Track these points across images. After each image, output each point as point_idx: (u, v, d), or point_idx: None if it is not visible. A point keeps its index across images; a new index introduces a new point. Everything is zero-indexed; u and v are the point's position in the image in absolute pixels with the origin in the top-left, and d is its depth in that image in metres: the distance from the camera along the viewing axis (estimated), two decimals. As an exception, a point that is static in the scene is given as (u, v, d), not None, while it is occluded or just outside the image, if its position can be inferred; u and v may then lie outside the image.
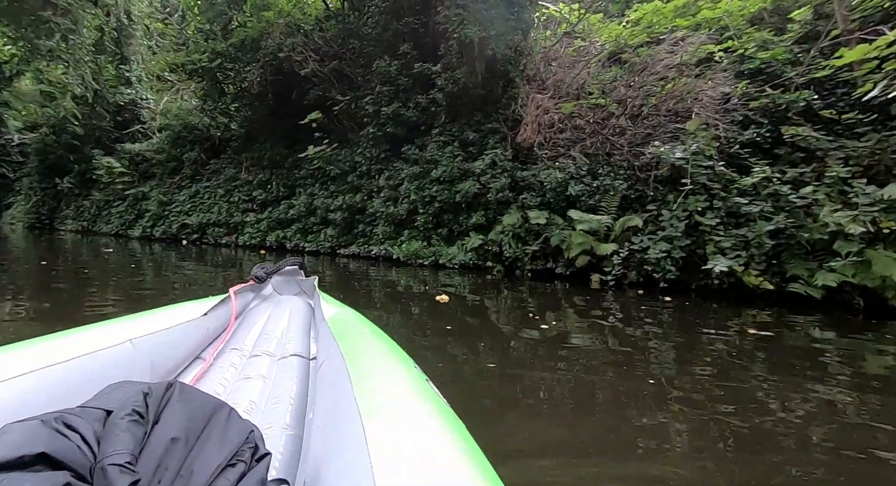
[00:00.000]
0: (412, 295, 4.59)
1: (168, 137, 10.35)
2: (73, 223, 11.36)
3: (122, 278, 5.23)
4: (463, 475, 0.57)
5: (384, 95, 6.97)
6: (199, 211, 9.17)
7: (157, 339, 1.08)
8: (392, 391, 0.80)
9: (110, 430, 0.56)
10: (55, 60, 9.87)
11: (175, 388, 0.67)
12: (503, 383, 2.38)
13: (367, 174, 7.35)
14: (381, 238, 6.85)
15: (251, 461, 0.61)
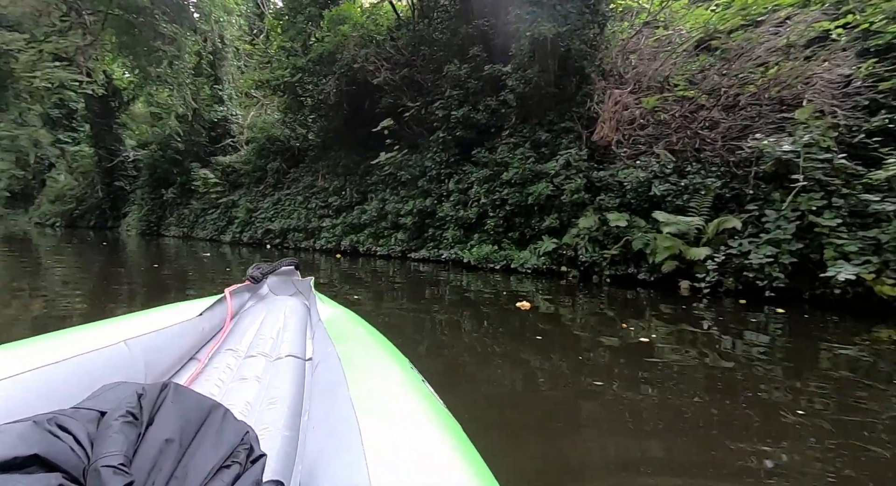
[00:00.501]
0: (484, 300, 4.50)
1: (254, 148, 11.22)
2: (175, 229, 12.70)
3: (217, 277, 5.69)
4: (459, 475, 0.56)
5: (454, 98, 6.99)
6: (280, 217, 9.81)
7: (152, 339, 1.05)
8: (388, 392, 0.79)
9: (104, 431, 0.55)
10: (162, 84, 11.11)
11: (169, 389, 0.65)
12: (582, 396, 2.21)
13: (437, 178, 7.40)
14: (451, 242, 6.85)
15: (246, 463, 0.60)
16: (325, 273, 6.29)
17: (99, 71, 11.18)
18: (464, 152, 7.10)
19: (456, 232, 6.82)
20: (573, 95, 6.21)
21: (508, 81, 6.34)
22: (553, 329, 3.43)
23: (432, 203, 7.30)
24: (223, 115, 12.48)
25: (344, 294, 4.56)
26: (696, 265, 4.45)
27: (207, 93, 12.31)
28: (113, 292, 4.67)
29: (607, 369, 2.55)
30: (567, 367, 2.61)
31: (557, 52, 5.93)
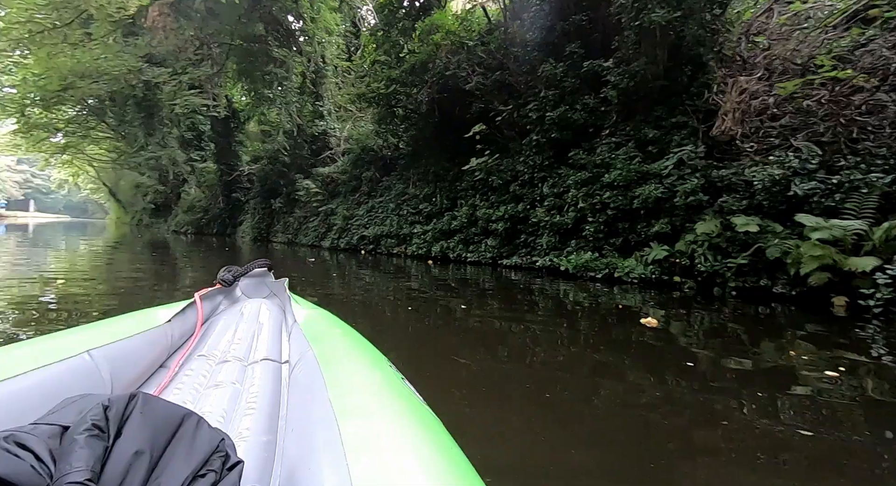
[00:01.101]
0: (585, 310, 4.17)
1: (350, 159, 11.89)
2: (281, 236, 13.92)
3: (320, 282, 6.04)
4: (442, 474, 0.55)
5: (549, 99, 6.72)
6: (374, 224, 10.24)
7: (117, 348, 1.00)
8: (367, 392, 0.77)
9: (67, 447, 0.52)
10: (272, 104, 12.26)
11: (138, 399, 0.61)
12: (701, 425, 1.85)
13: (530, 183, 7.16)
14: (546, 249, 6.55)
15: (222, 471, 0.57)
16: (417, 279, 6.36)
17: (222, 96, 12.71)
18: (559, 155, 6.78)
19: (551, 238, 6.51)
20: (686, 87, 5.60)
21: (610, 77, 5.92)
22: (666, 346, 3.03)
23: (524, 208, 7.07)
24: (323, 129, 13.42)
25: (435, 300, 4.53)
26: (856, 278, 3.70)
27: (309, 109, 13.35)
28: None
29: (735, 395, 2.14)
30: (686, 389, 2.24)
31: (668, 40, 5.40)
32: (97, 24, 8.44)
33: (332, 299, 4.68)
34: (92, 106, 21.14)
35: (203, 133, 20.35)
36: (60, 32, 8.42)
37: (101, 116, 22.15)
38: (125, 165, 27.65)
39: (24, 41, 8.61)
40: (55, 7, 7.59)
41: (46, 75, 11.53)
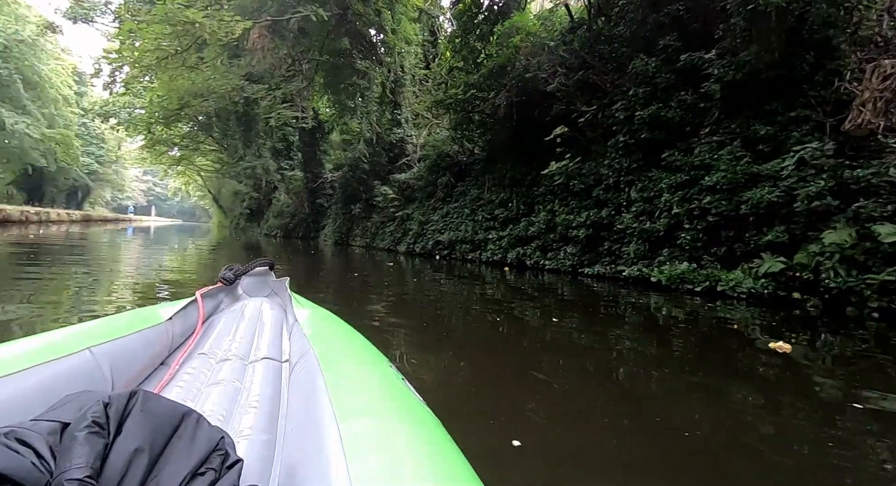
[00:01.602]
0: (680, 328, 3.73)
1: (426, 165, 12.10)
2: (360, 240, 14.54)
3: (395, 285, 6.13)
4: (441, 474, 0.55)
5: (638, 97, 6.26)
6: (449, 229, 10.29)
7: (118, 346, 0.99)
8: (368, 392, 0.77)
9: (67, 443, 0.52)
10: (354, 114, 12.87)
11: (138, 397, 0.61)
12: (822, 471, 1.47)
13: (615, 187, 6.72)
14: (633, 258, 6.08)
15: (221, 469, 0.57)
16: (491, 285, 6.21)
17: (310, 108, 13.62)
18: (649, 157, 6.28)
19: (639, 247, 6.03)
20: (809, 76, 4.89)
21: (712, 70, 5.36)
22: (782, 372, 2.56)
23: (609, 214, 6.64)
24: (400, 136, 13.84)
25: (510, 308, 4.35)
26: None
27: (388, 118, 13.83)
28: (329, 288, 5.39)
29: (873, 441, 1.71)
30: (807, 426, 1.84)
31: (786, 24, 4.76)
32: (209, 49, 9.47)
33: (405, 303, 4.70)
34: (201, 122, 23.82)
35: (292, 144, 22.01)
36: (180, 57, 9.59)
37: (208, 131, 24.90)
38: (226, 175, 30.85)
39: (152, 67, 9.97)
40: (177, 35, 8.65)
41: (168, 96, 13.18)
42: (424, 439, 0.63)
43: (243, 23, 8.53)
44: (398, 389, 0.82)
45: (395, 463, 0.55)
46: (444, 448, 0.62)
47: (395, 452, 0.58)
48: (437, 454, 0.60)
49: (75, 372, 0.85)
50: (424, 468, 0.56)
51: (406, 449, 0.59)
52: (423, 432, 0.66)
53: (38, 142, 26.42)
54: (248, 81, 12.41)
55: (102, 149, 40.83)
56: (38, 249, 8.54)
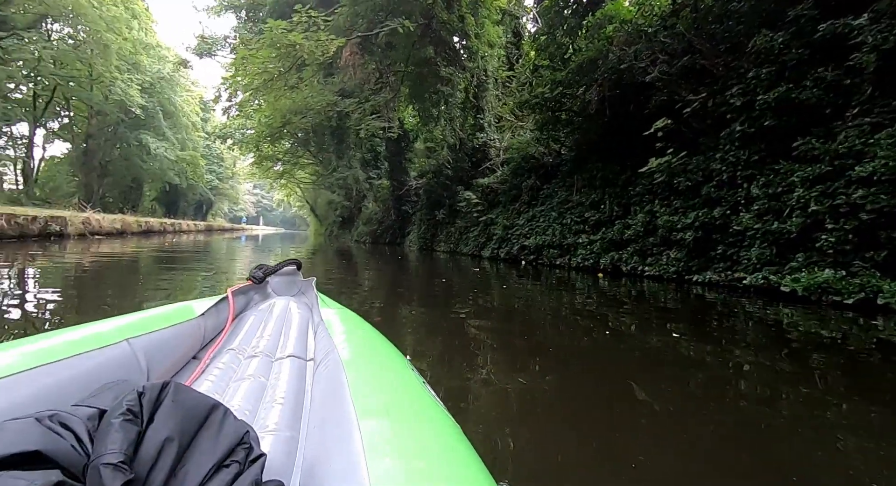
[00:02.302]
0: (824, 346, 3.04)
1: (510, 168, 11.85)
2: (444, 246, 14.67)
3: (480, 290, 5.96)
4: (460, 478, 0.56)
5: (760, 80, 5.43)
6: (535, 233, 9.91)
7: (153, 339, 1.04)
8: (389, 393, 0.78)
9: (104, 429, 0.54)
10: (438, 121, 13.06)
11: (170, 388, 0.62)
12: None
13: (730, 183, 5.90)
14: (756, 263, 5.26)
15: (246, 462, 0.58)
16: (582, 293, 5.76)
17: (396, 118, 14.11)
18: (774, 146, 5.41)
19: (763, 250, 5.20)
20: None
21: (864, 38, 4.45)
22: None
23: (723, 214, 5.85)
24: (483, 140, 13.75)
25: (603, 317, 3.92)
26: None
27: (470, 123, 13.83)
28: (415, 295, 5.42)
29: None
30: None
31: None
32: (307, 68, 10.27)
33: (490, 310, 4.51)
34: (300, 139, 26.00)
35: (379, 154, 23.08)
36: (283, 78, 10.54)
37: (306, 146, 27.12)
38: (321, 186, 33.34)
39: (259, 89, 11.10)
40: (280, 57, 9.53)
41: (272, 116, 14.54)
42: (443, 442, 0.64)
43: (337, 41, 9.09)
44: (418, 391, 0.83)
45: (413, 465, 0.56)
46: (462, 453, 0.62)
47: (414, 453, 0.58)
48: (454, 458, 0.60)
49: (114, 362, 0.90)
50: (443, 472, 0.56)
51: (424, 451, 0.60)
52: (441, 435, 0.66)
53: (173, 163, 30.90)
54: (341, 97, 13.22)
55: (221, 167, 46.60)
56: (173, 254, 9.86)
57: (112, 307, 3.71)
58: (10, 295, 4.05)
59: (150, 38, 26.48)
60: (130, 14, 21.09)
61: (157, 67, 27.71)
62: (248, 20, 18.11)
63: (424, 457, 0.58)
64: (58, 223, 10.68)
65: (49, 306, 3.57)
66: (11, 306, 3.52)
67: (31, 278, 5.25)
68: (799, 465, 1.49)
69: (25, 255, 7.70)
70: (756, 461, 1.49)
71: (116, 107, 23.57)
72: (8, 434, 0.51)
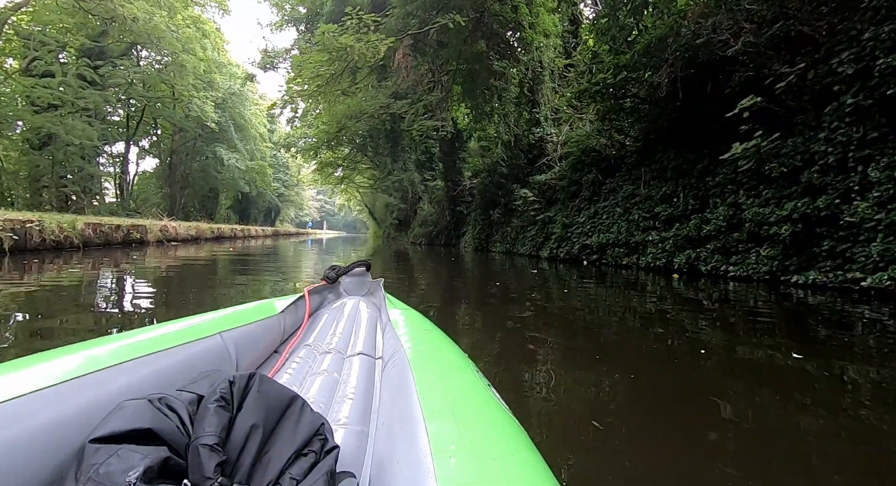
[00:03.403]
0: None
1: (568, 163, 11.19)
2: (500, 246, 14.24)
3: (539, 292, 5.52)
4: (524, 479, 0.56)
5: (881, 40, 4.52)
6: (598, 231, 9.22)
7: (242, 332, 1.12)
8: (455, 393, 0.79)
9: (202, 413, 0.59)
10: (491, 118, 12.68)
11: (256, 379, 0.67)
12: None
13: (839, 167, 5.00)
14: (878, 261, 4.37)
15: (321, 453, 0.62)
16: (654, 295, 5.13)
17: (448, 118, 13.92)
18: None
19: (890, 245, 4.31)
20: None
21: None
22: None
23: (829, 203, 4.97)
24: (539, 135, 13.16)
25: (679, 323, 3.34)
26: None
27: (525, 118, 13.30)
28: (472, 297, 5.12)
29: None
30: None
31: None
32: (360, 72, 10.36)
33: (550, 314, 4.07)
34: (357, 144, 26.75)
35: (434, 155, 23.09)
36: (336, 81, 10.72)
37: (363, 151, 27.85)
38: (378, 189, 34.11)
39: (314, 94, 11.41)
40: (332, 61, 9.69)
41: (329, 122, 14.93)
42: (508, 444, 0.63)
43: (387, 41, 9.04)
44: (483, 393, 0.82)
45: (478, 466, 0.55)
46: (528, 456, 0.62)
47: (479, 454, 0.58)
48: (521, 461, 0.59)
49: (208, 353, 0.98)
50: (509, 475, 0.55)
51: (490, 453, 0.59)
52: (509, 439, 0.65)
53: (243, 173, 33.06)
54: (394, 99, 13.25)
55: (287, 175, 49.32)
56: (244, 258, 10.39)
57: (195, 304, 4.07)
58: (114, 293, 4.65)
59: (222, 57, 28.53)
60: (201, 33, 22.79)
61: (229, 84, 29.80)
62: (306, 31, 18.87)
63: (490, 458, 0.58)
64: (138, 231, 11.64)
65: (146, 302, 4.06)
66: (118, 301, 4.09)
67: (127, 280, 5.63)
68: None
69: (113, 260, 8.37)
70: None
71: (194, 123, 25.61)
72: (128, 412, 0.57)
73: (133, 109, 26.06)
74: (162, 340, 0.91)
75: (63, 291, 4.50)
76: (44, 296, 4.22)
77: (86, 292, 4.51)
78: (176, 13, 19.68)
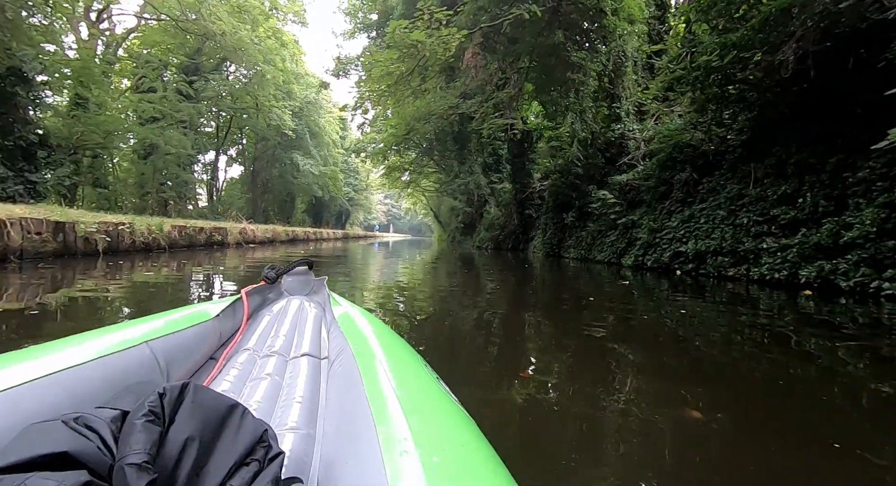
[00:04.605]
0: None
1: (656, 161, 10.06)
2: (573, 252, 13.26)
3: (620, 308, 4.73)
4: (478, 474, 0.56)
5: None
6: (695, 237, 8.07)
7: (172, 341, 1.06)
8: (404, 390, 0.78)
9: (127, 430, 0.55)
10: (566, 115, 11.84)
11: (189, 389, 0.63)
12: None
13: None
14: None
15: (265, 461, 0.60)
16: (772, 317, 4.15)
17: (518, 117, 13.26)
18: None
19: None
20: None
21: None
22: None
23: None
24: (620, 132, 12.08)
25: (807, 357, 2.45)
26: None
27: (604, 113, 12.27)
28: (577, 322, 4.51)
29: None
30: None
31: None
32: (429, 74, 10.10)
33: (633, 331, 3.33)
34: (424, 148, 26.87)
35: (501, 157, 22.47)
36: (406, 81, 10.55)
37: (430, 155, 27.93)
38: (444, 193, 34.08)
39: (384, 94, 11.36)
40: (403, 58, 9.50)
41: (398, 125, 14.92)
42: (460, 438, 0.63)
43: (459, 35, 8.65)
44: (434, 388, 0.82)
45: (430, 462, 0.54)
46: (479, 449, 0.62)
47: (431, 450, 0.57)
48: (472, 454, 0.59)
49: (134, 364, 0.92)
50: (459, 467, 0.55)
51: (441, 447, 0.58)
52: (458, 431, 0.65)
53: (317, 178, 34.68)
54: (463, 99, 12.89)
55: (357, 179, 51.21)
56: (316, 260, 10.58)
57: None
58: (202, 289, 4.93)
59: (299, 67, 30.15)
60: (279, 43, 24.14)
61: (305, 93, 31.41)
62: (377, 37, 19.19)
63: (442, 453, 0.57)
64: (220, 234, 12.33)
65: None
66: (209, 298, 4.20)
67: (215, 280, 5.76)
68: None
69: (196, 260, 8.77)
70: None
71: (274, 131, 27.24)
72: (37, 436, 0.53)
73: (222, 120, 28.31)
74: (79, 352, 0.84)
75: (151, 287, 4.59)
76: (141, 290, 4.28)
77: (173, 290, 4.62)
78: (258, 26, 21.00)
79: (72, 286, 4.80)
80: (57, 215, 6.95)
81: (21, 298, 3.96)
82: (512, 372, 2.38)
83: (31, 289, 4.46)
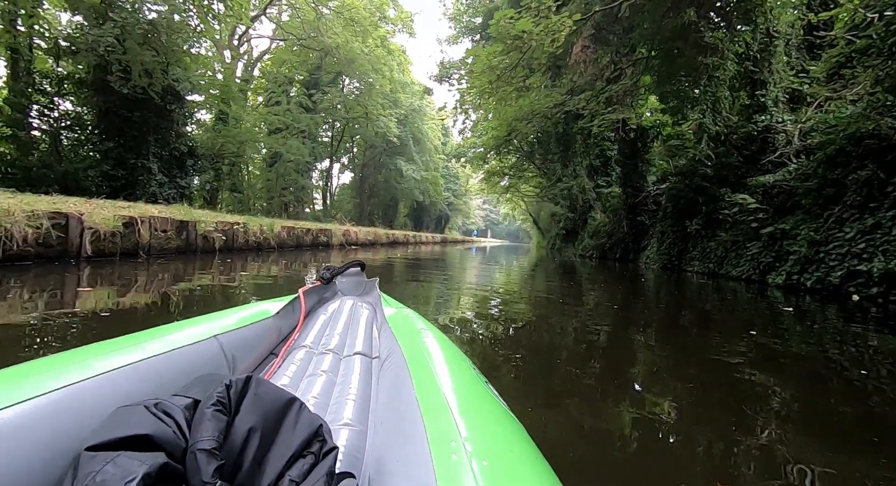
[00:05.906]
0: None
1: (819, 158, 8.09)
2: (699, 265, 11.40)
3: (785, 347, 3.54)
4: (523, 475, 0.55)
5: None
6: (881, 253, 6.21)
7: (237, 336, 1.12)
8: (452, 391, 0.78)
9: (199, 418, 0.59)
10: (695, 106, 10.24)
11: (253, 381, 0.67)
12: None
13: None
14: None
15: (320, 454, 0.62)
16: None
17: (633, 112, 11.88)
18: None
19: None
20: None
21: None
22: None
23: None
24: (764, 125, 10.08)
25: None
26: None
27: (744, 102, 10.36)
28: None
29: None
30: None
31: None
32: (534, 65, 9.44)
33: (821, 389, 2.27)
34: (525, 152, 26.02)
35: (610, 158, 20.68)
36: (509, 77, 10.02)
37: (531, 158, 26.99)
38: (545, 198, 32.74)
39: (486, 92, 10.94)
40: (506, 51, 8.98)
41: (499, 127, 14.42)
42: (507, 441, 0.63)
43: (569, 22, 7.86)
44: (482, 391, 0.82)
45: (477, 463, 0.55)
46: (529, 452, 0.62)
47: (478, 452, 0.57)
48: (519, 457, 0.59)
49: (204, 357, 0.99)
50: (506, 469, 0.55)
51: (488, 450, 0.59)
52: (506, 434, 0.65)
53: (419, 183, 35.78)
54: (569, 96, 11.95)
55: (456, 184, 51.94)
56: (414, 262, 10.63)
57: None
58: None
59: (405, 76, 31.43)
60: (386, 51, 25.28)
61: (410, 101, 32.63)
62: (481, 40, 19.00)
63: (488, 455, 0.57)
64: (325, 235, 13.01)
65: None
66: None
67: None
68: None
69: (302, 260, 9.23)
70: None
71: (380, 139, 28.67)
72: (124, 418, 0.57)
73: (336, 129, 30.63)
74: (158, 344, 0.90)
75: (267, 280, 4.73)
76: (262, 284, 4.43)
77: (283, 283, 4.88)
78: (368, 36, 22.26)
79: (210, 274, 5.17)
80: (181, 215, 7.72)
81: (160, 288, 4.28)
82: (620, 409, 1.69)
83: (172, 280, 4.86)
